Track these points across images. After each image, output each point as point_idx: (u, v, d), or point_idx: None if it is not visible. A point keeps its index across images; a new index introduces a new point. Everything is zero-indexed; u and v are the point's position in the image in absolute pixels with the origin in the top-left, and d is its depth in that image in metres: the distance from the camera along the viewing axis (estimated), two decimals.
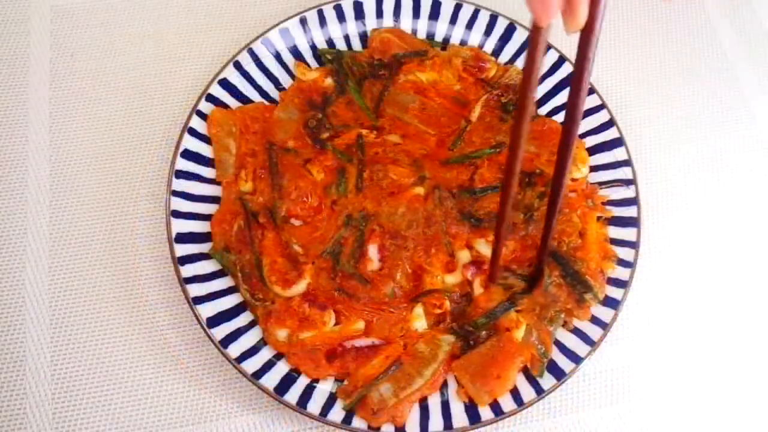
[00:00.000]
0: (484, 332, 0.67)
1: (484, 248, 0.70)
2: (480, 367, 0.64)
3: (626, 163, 0.74)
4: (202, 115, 0.74)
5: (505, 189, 0.57)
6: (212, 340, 0.64)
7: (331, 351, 0.65)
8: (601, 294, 0.68)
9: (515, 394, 0.65)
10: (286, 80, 0.79)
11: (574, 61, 0.49)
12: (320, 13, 0.80)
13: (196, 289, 0.66)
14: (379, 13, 0.81)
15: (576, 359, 0.66)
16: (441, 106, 0.77)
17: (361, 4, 0.81)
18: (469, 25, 0.81)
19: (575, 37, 0.93)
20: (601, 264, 0.70)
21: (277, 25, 0.78)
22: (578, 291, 0.68)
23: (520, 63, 0.80)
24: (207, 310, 0.65)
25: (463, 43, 0.82)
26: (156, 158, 0.77)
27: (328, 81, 0.78)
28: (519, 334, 0.66)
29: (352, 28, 0.81)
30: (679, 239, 0.77)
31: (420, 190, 0.72)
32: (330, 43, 0.81)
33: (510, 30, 0.80)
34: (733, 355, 0.72)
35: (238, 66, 0.76)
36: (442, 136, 0.76)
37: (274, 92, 0.78)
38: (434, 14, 0.82)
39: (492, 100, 0.78)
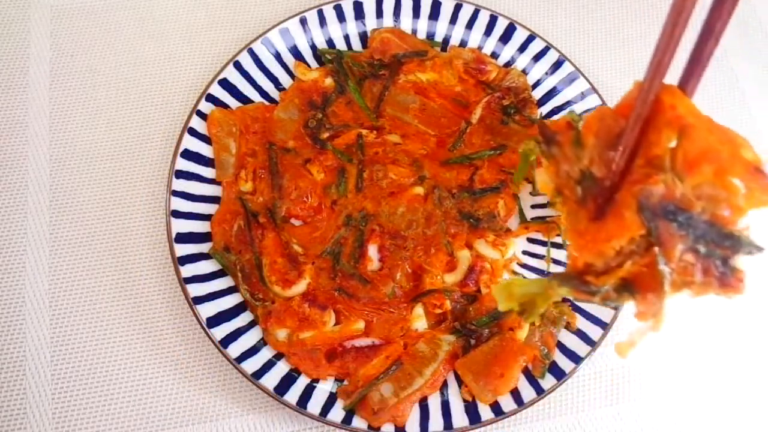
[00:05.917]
0: (486, 331, 0.67)
1: (484, 248, 0.70)
2: (483, 366, 0.64)
3: None
4: (202, 115, 0.73)
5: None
6: (212, 340, 0.64)
7: (331, 351, 0.65)
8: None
9: (515, 393, 0.65)
10: (286, 80, 0.79)
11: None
12: (320, 13, 0.80)
13: (196, 289, 0.66)
14: (379, 13, 0.81)
15: (576, 359, 0.66)
16: (441, 107, 0.77)
17: (361, 4, 0.81)
18: (469, 25, 0.81)
19: (574, 37, 0.92)
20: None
21: (277, 25, 0.78)
22: (719, 257, 0.42)
23: (520, 64, 0.80)
24: (207, 310, 0.65)
25: (463, 43, 0.82)
26: (156, 158, 0.77)
27: (328, 81, 0.78)
28: (522, 333, 0.66)
29: (352, 28, 0.81)
30: None
31: (420, 190, 0.72)
32: (330, 43, 0.81)
33: (510, 30, 0.80)
34: (733, 355, 0.72)
35: (238, 66, 0.76)
36: (442, 136, 0.76)
37: (274, 92, 0.78)
38: (434, 14, 0.82)
39: (493, 102, 0.78)
